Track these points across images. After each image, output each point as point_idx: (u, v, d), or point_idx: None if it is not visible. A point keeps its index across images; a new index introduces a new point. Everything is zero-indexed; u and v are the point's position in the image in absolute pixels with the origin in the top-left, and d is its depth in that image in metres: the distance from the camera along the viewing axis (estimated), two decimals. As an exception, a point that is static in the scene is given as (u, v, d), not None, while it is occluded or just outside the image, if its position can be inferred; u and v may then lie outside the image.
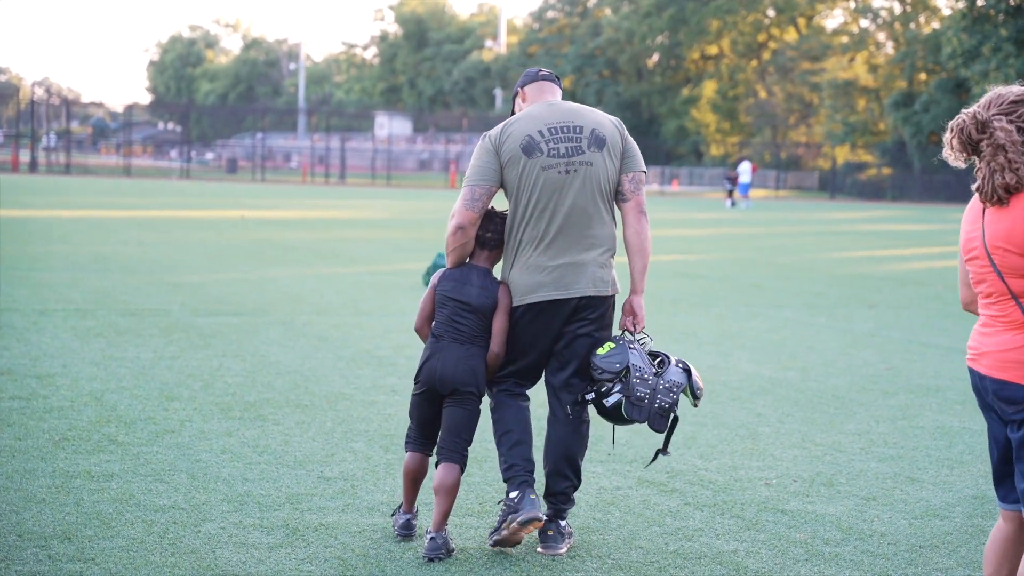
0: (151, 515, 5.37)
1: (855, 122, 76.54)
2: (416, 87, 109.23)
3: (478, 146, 5.26)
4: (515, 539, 5.06)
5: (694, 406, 5.29)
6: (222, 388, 8.31)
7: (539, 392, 5.82)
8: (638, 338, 5.30)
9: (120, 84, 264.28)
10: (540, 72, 5.44)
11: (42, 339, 9.95)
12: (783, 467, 6.76)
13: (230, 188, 55.52)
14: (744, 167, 53.58)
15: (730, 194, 53.56)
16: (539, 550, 5.13)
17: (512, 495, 5.07)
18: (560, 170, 5.15)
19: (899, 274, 20.62)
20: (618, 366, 5.10)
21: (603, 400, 5.14)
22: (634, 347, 5.19)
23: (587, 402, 5.23)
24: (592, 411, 5.45)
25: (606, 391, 5.12)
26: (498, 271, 5.37)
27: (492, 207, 5.28)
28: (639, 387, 5.08)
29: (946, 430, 7.87)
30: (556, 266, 5.16)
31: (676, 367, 5.20)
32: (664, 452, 5.35)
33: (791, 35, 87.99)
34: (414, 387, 5.26)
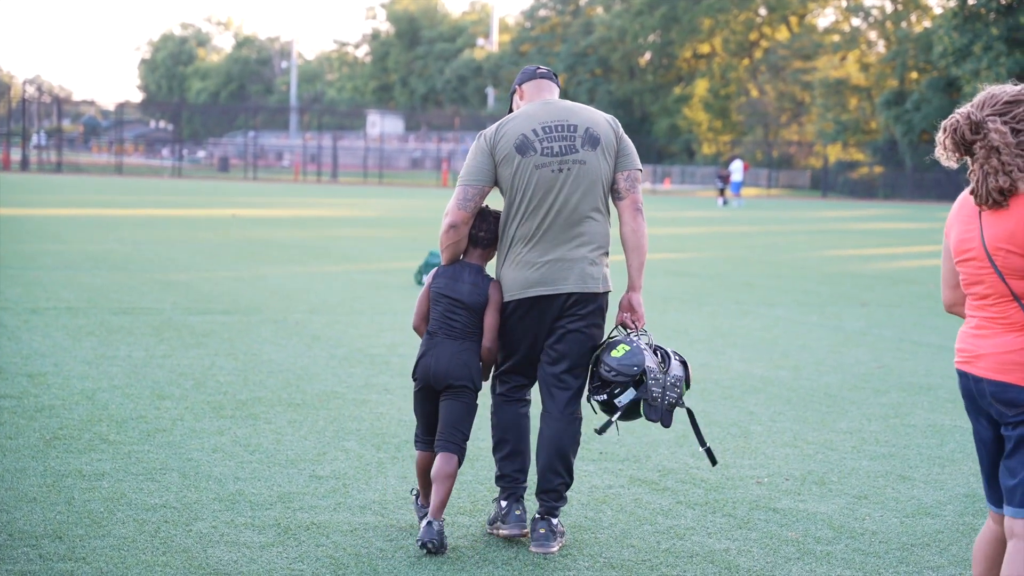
0: (142, 514, 5.37)
1: (847, 121, 76.58)
2: (408, 85, 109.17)
3: (473, 145, 5.30)
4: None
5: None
6: (214, 387, 8.30)
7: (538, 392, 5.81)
8: (640, 335, 5.31)
9: (112, 82, 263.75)
10: (538, 70, 5.45)
11: (33, 338, 9.93)
12: (775, 465, 6.76)
13: (222, 186, 55.45)
14: (736, 165, 53.57)
15: (722, 192, 53.55)
16: (531, 548, 5.14)
17: (502, 504, 5.26)
18: (553, 168, 5.16)
19: (890, 272, 20.65)
20: (636, 369, 5.09)
21: (614, 400, 5.14)
22: (644, 346, 5.20)
23: (599, 403, 5.20)
24: (586, 408, 5.46)
25: (619, 392, 5.12)
26: (492, 269, 5.39)
27: (486, 206, 5.32)
28: (653, 388, 5.10)
29: (937, 428, 7.88)
30: (545, 262, 5.18)
31: (676, 361, 5.22)
32: (705, 446, 5.23)
33: (783, 34, 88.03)
34: (414, 385, 5.31)
